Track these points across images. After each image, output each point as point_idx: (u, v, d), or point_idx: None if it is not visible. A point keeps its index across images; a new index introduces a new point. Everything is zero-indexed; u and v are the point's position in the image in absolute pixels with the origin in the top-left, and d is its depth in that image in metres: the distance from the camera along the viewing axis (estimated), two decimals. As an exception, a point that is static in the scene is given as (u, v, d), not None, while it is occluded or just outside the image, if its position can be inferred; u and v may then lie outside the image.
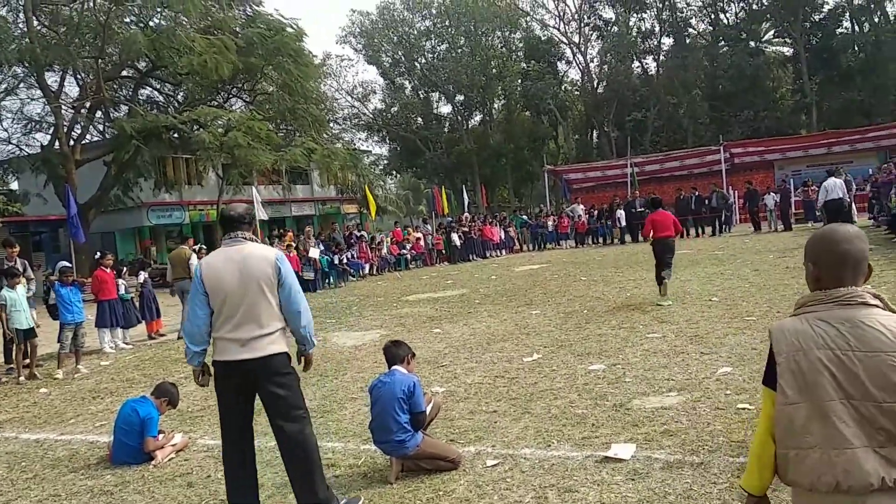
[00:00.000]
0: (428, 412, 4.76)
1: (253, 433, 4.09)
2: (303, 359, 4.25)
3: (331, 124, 36.78)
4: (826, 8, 44.01)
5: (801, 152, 30.89)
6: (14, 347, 9.69)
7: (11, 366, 9.81)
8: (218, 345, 3.98)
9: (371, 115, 51.84)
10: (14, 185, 32.39)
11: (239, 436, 4.04)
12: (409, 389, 4.47)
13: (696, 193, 25.69)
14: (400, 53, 49.77)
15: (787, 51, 46.59)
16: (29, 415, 7.46)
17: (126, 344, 11.70)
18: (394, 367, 4.70)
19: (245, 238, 4.04)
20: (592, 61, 51.42)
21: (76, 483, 5.04)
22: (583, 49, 50.96)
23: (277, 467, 4.87)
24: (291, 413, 3.98)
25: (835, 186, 18.45)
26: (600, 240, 27.04)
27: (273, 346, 3.93)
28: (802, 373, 2.05)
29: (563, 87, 51.46)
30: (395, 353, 4.75)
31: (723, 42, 46.62)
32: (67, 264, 11.73)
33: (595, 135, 53.45)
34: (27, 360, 9.73)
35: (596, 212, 27.79)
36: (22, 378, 9.40)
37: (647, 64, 50.99)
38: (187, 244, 13.44)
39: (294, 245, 18.53)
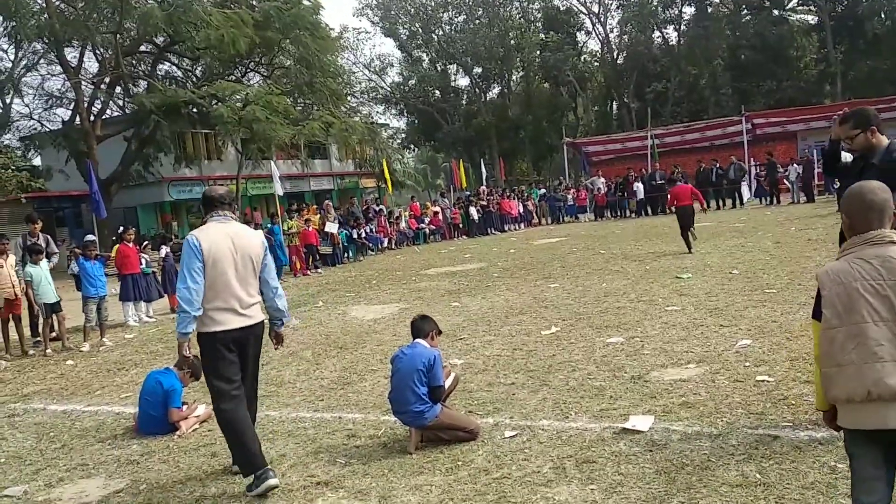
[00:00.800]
0: (447, 385, 4.80)
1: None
2: (276, 335, 4.68)
3: (348, 98, 36.65)
4: (852, -26, 42.91)
5: (825, 122, 30.18)
6: (41, 321, 9.89)
7: (39, 339, 10.01)
8: (214, 316, 4.20)
9: (389, 89, 51.58)
10: (37, 161, 32.74)
11: (240, 396, 4.30)
12: (430, 363, 4.51)
13: (717, 165, 25.38)
14: (417, 25, 49.34)
15: (812, 19, 45.53)
16: (56, 386, 7.62)
17: (149, 317, 11.87)
18: (417, 340, 4.74)
19: (232, 217, 4.46)
20: (612, 31, 50.64)
21: (103, 453, 5.15)
22: (602, 19, 50.18)
23: (299, 437, 4.96)
24: (256, 377, 4.58)
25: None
26: (619, 213, 26.85)
27: (261, 314, 4.45)
28: (842, 302, 2.45)
29: (582, 58, 50.82)
30: (421, 326, 4.80)
31: (745, 11, 45.67)
32: (93, 237, 11.90)
33: (615, 106, 52.82)
34: (54, 333, 9.92)
35: (614, 184, 27.56)
36: (49, 350, 9.59)
37: (668, 34, 50.17)
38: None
39: (312, 219, 18.57)
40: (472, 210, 24.92)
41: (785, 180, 24.04)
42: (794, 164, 23.73)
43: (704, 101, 46.38)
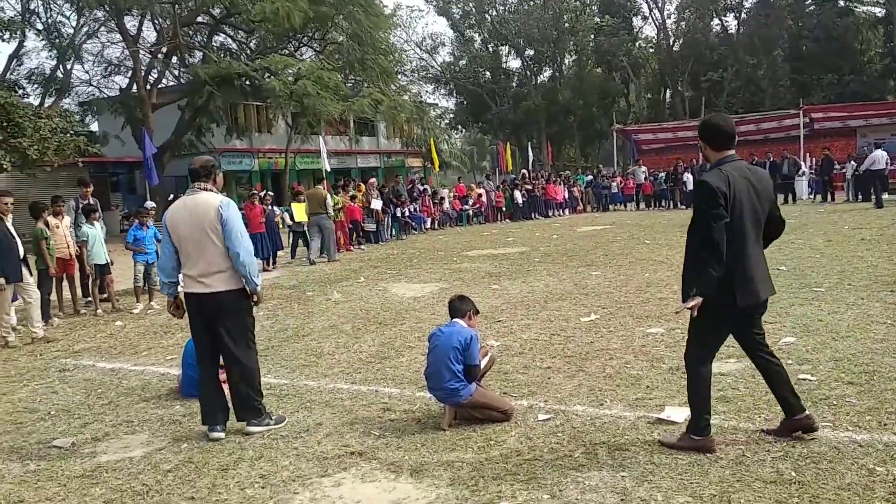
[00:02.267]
0: (483, 365, 4.84)
1: (219, 359, 4.75)
2: (253, 296, 4.80)
3: (399, 76, 36.70)
4: (926, -35, 41.13)
5: (887, 119, 29.23)
6: (90, 282, 10.22)
7: (89, 298, 10.35)
8: (183, 280, 4.72)
9: (439, 68, 51.47)
10: (94, 127, 33.63)
11: (208, 359, 4.72)
12: (466, 342, 4.54)
13: (771, 159, 24.74)
14: (471, 5, 49.00)
15: (879, 11, 43.82)
16: (105, 345, 7.88)
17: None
18: (454, 320, 4.77)
19: (202, 188, 4.67)
20: (669, 17, 49.63)
21: (147, 411, 5.33)
22: (660, 4, 49.19)
23: (336, 408, 5.06)
24: (235, 342, 4.65)
25: (882, 158, 19.76)
26: (667, 203, 26.43)
27: (222, 284, 4.58)
28: None
29: (637, 44, 49.97)
30: (459, 306, 4.82)
31: (809, 0, 44.17)
32: (152, 204, 12.19)
33: (668, 94, 51.83)
34: (104, 294, 10.24)
35: (663, 174, 27.11)
36: (99, 311, 9.92)
37: (727, 21, 48.95)
38: (321, 185, 16.29)
39: (357, 196, 18.69)
40: (517, 194, 24.80)
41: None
42: (852, 162, 22.98)
43: (761, 92, 45.18)
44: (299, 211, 15.57)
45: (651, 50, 51.81)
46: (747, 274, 3.78)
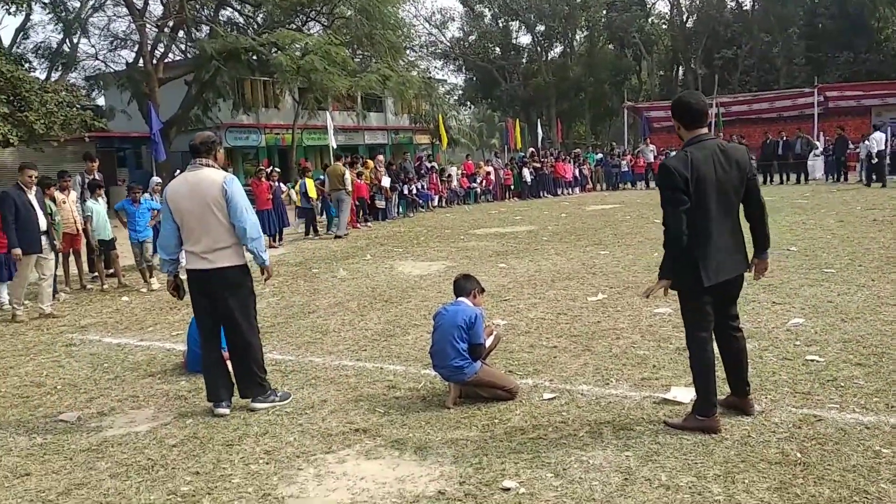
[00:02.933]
0: (488, 343, 4.82)
1: (221, 334, 4.73)
2: (263, 271, 4.85)
3: (407, 51, 36.35)
4: (947, -60, 40.27)
5: (903, 99, 28.88)
6: (95, 257, 10.24)
7: (95, 274, 10.38)
8: (185, 257, 4.71)
9: (448, 44, 50.98)
10: (100, 101, 33.57)
11: (211, 336, 4.72)
12: (471, 320, 4.52)
13: (784, 138, 24.46)
14: (481, -21, 48.42)
15: (899, -13, 43.03)
16: (111, 320, 7.91)
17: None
18: (460, 298, 4.74)
19: (203, 164, 4.62)
20: (683, -8, 48.82)
21: (153, 386, 5.35)
22: (674, -21, 48.40)
23: (341, 384, 5.06)
24: (238, 319, 4.63)
25: (882, 139, 20.30)
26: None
27: (226, 260, 4.57)
28: None
29: (650, 20, 49.32)
30: (464, 285, 4.81)
31: (826, -24, 43.40)
32: (157, 179, 12.17)
33: (681, 71, 51.19)
34: (110, 270, 10.27)
35: (674, 153, 26.84)
36: (105, 286, 9.95)
37: (742, -2, 48.11)
38: (340, 161, 16.34)
39: (364, 172, 18.61)
40: (526, 172, 24.65)
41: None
42: (866, 142, 22.68)
43: (776, 70, 44.55)
44: (312, 187, 15.56)
45: (664, 26, 51.12)
46: (711, 254, 3.78)
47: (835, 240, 10.40)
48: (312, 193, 15.54)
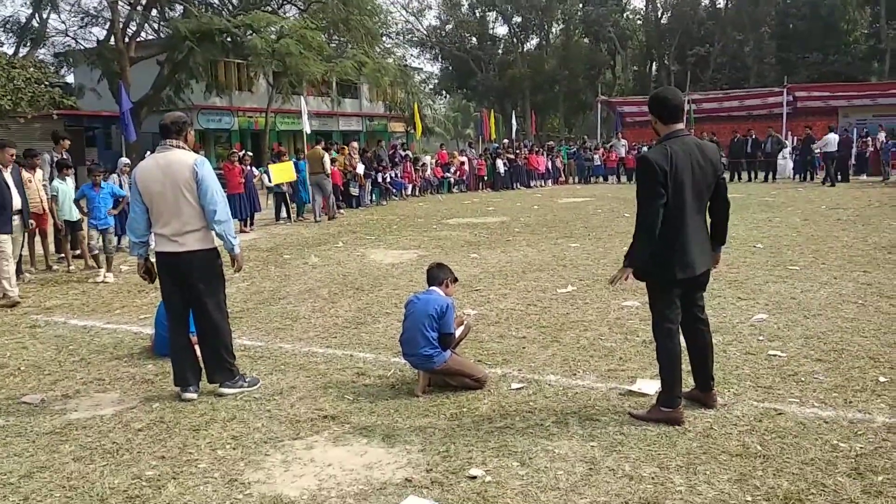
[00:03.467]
0: (458, 333, 4.85)
1: (190, 318, 4.68)
2: (232, 261, 4.77)
3: (384, 38, 36.15)
4: (915, -54, 41.12)
5: (869, 101, 29.40)
6: (62, 238, 10.06)
7: (62, 255, 10.20)
8: (155, 240, 4.62)
9: (425, 32, 50.80)
10: (69, 79, 32.85)
11: (179, 320, 4.66)
12: (441, 310, 4.54)
13: (753, 136, 24.83)
14: (459, -32, 48.26)
15: (867, -9, 43.86)
16: (78, 302, 7.79)
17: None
18: (432, 287, 4.76)
19: (173, 145, 4.55)
20: (659, -11, 49.21)
21: (119, 369, 5.29)
22: (650, -24, 48.75)
23: (310, 371, 5.05)
24: (207, 303, 4.59)
25: (834, 140, 21.35)
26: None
27: (196, 243, 4.52)
28: None
29: (625, 15, 49.62)
30: (436, 274, 4.82)
31: (799, -23, 44.04)
32: (127, 160, 11.95)
33: (654, 67, 51.67)
34: (76, 251, 10.10)
35: (646, 147, 27.10)
36: (72, 267, 9.78)
37: (715, -4, 48.64)
38: (320, 145, 16.26)
39: (338, 159, 18.49)
40: (499, 163, 24.70)
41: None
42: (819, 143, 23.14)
43: (747, 69, 45.16)
44: (277, 173, 15.29)
45: (639, 22, 51.48)
46: (685, 248, 3.85)
47: (800, 238, 10.61)
48: (278, 179, 15.28)
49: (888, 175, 21.88)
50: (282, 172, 15.33)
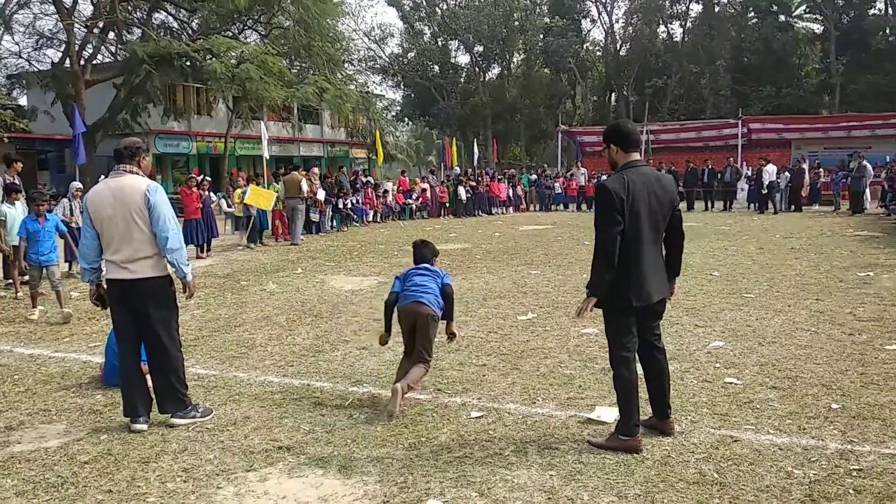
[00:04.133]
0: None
1: (141, 347, 4.57)
2: (185, 287, 4.70)
3: (345, 65, 36.27)
4: (861, -13, 42.99)
5: (821, 133, 30.50)
6: (10, 263, 9.75)
7: (10, 281, 9.88)
8: (106, 265, 4.53)
9: (387, 59, 51.05)
10: (22, 101, 32.15)
11: (130, 348, 4.55)
12: (445, 280, 5.06)
13: (710, 166, 25.45)
14: (422, -3, 48.78)
15: (818, 28, 45.64)
16: (25, 330, 7.54)
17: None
18: (423, 263, 5.16)
19: (126, 170, 4.49)
20: (618, 22, 50.50)
21: (66, 400, 5.11)
22: (609, 8, 50.04)
23: (265, 401, 4.94)
24: (159, 331, 4.48)
25: (773, 171, 22.72)
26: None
27: (148, 270, 4.44)
28: None
29: (585, 47, 50.64)
30: (424, 253, 5.21)
31: (752, 13, 45.64)
32: (77, 185, 11.67)
33: (613, 98, 52.75)
34: (24, 277, 9.78)
35: (606, 177, 27.53)
36: (20, 294, 9.47)
37: (672, 29, 50.12)
38: (298, 172, 16.96)
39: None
40: (461, 190, 24.83)
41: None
42: (786, 172, 23.86)
43: (703, 100, 46.40)
44: (255, 195, 15.12)
45: (598, 53, 52.59)
46: (642, 276, 3.90)
47: (755, 266, 10.83)
48: (250, 201, 15.09)
49: (839, 205, 22.57)
50: (259, 197, 15.17)
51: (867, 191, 21.46)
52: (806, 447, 3.94)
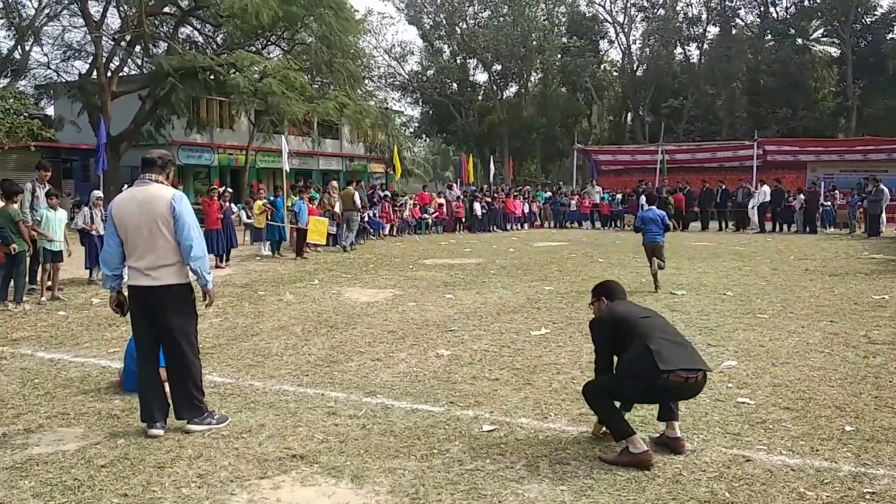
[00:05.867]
0: None
1: (160, 354, 4.67)
2: (205, 295, 4.77)
3: (366, 81, 36.60)
4: (879, 11, 42.89)
5: (836, 156, 30.35)
6: (39, 268, 9.94)
7: (33, 286, 10.04)
8: (128, 273, 4.62)
9: (406, 76, 51.49)
10: (49, 111, 32.73)
11: (148, 354, 4.65)
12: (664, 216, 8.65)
13: (724, 187, 25.43)
14: (442, 16, 49.24)
15: (834, 51, 45.49)
16: (46, 335, 7.66)
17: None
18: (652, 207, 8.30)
19: (152, 179, 4.57)
20: (635, 43, 50.67)
21: (85, 404, 5.19)
22: (626, 30, 50.22)
23: (280, 409, 5.00)
24: (178, 338, 4.56)
25: (767, 192, 23.49)
26: (621, 223, 26.87)
27: (170, 277, 4.51)
28: None
29: (602, 67, 50.79)
30: (653, 195, 6.69)
31: (769, 36, 45.64)
32: (98, 193, 11.88)
33: (629, 118, 52.81)
34: (49, 283, 9.96)
35: (621, 195, 27.56)
36: (43, 298, 9.63)
37: (689, 51, 50.20)
38: (353, 185, 18.83)
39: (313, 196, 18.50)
40: (477, 206, 24.92)
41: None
42: (801, 194, 23.76)
43: (719, 122, 46.33)
44: (315, 229, 15.56)
45: (615, 73, 52.73)
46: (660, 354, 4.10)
47: (768, 287, 10.79)
48: (312, 238, 15.40)
49: (854, 227, 22.41)
50: (317, 229, 15.49)
51: (883, 214, 21.29)
52: (819, 469, 3.93)
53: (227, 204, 14.72)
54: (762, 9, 47.32)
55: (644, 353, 4.02)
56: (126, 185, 12.83)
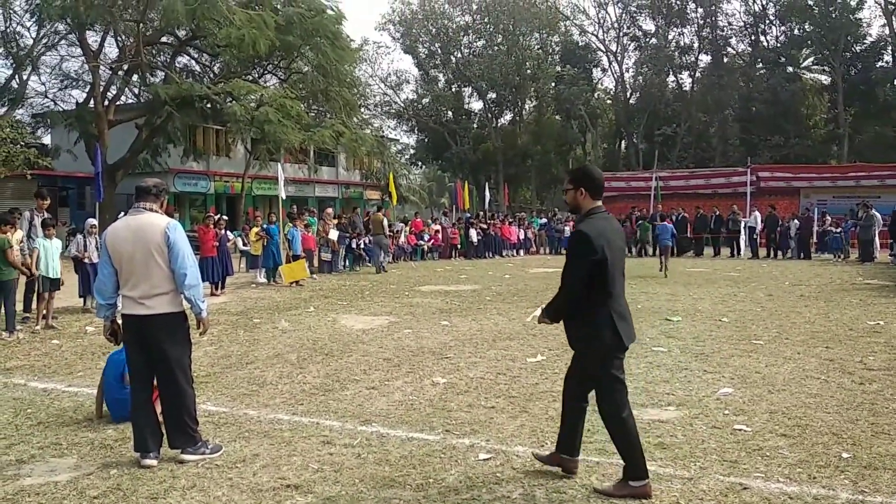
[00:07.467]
0: None
1: (153, 383, 4.63)
2: (199, 323, 4.76)
3: (362, 109, 36.85)
4: (868, 40, 43.52)
5: (829, 182, 30.65)
6: (35, 296, 9.92)
7: (27, 315, 10.01)
8: (122, 302, 4.60)
9: (402, 105, 51.88)
10: (46, 140, 32.84)
11: (142, 384, 4.61)
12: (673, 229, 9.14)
13: (717, 213, 25.61)
14: (437, 46, 49.75)
15: (825, 79, 46.01)
16: (39, 363, 7.62)
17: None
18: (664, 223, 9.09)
19: (146, 208, 4.60)
20: (628, 71, 51.18)
21: (78, 434, 5.15)
22: (619, 58, 50.75)
23: (274, 438, 4.97)
24: (172, 366, 4.54)
25: (758, 217, 24.31)
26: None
27: (164, 306, 4.52)
28: None
29: (595, 95, 51.25)
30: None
31: (761, 64, 46.20)
32: (93, 221, 11.89)
33: (623, 145, 53.19)
34: (44, 311, 9.93)
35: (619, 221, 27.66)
36: (38, 327, 9.59)
37: (682, 79, 50.69)
38: (381, 212, 20.49)
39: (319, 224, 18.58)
40: (472, 232, 24.99)
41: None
42: (795, 220, 23.90)
43: (712, 149, 46.71)
44: (288, 272, 15.53)
45: (609, 101, 53.17)
46: (623, 316, 4.06)
47: (764, 312, 10.80)
48: (288, 279, 15.38)
49: (847, 253, 22.51)
50: (293, 272, 15.42)
51: (876, 239, 21.41)
52: (816, 496, 3.91)
53: (223, 231, 14.73)
54: (753, 38, 47.94)
55: (607, 318, 3.99)
56: (122, 213, 12.86)
